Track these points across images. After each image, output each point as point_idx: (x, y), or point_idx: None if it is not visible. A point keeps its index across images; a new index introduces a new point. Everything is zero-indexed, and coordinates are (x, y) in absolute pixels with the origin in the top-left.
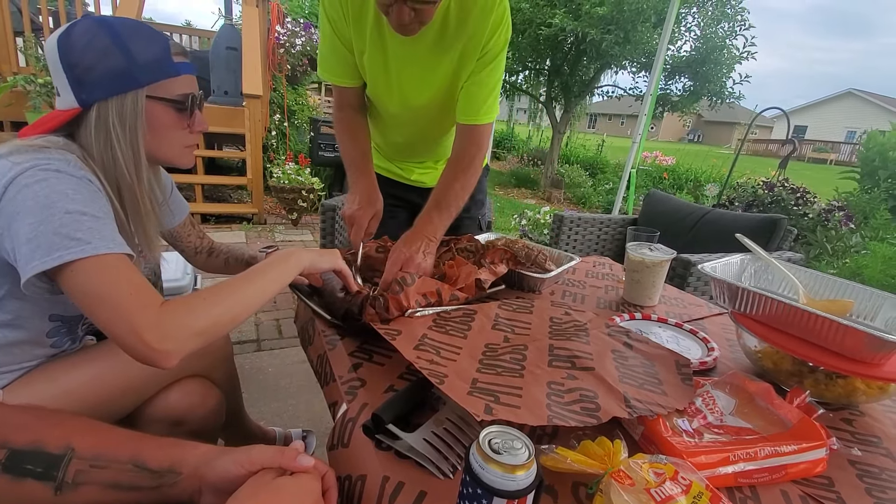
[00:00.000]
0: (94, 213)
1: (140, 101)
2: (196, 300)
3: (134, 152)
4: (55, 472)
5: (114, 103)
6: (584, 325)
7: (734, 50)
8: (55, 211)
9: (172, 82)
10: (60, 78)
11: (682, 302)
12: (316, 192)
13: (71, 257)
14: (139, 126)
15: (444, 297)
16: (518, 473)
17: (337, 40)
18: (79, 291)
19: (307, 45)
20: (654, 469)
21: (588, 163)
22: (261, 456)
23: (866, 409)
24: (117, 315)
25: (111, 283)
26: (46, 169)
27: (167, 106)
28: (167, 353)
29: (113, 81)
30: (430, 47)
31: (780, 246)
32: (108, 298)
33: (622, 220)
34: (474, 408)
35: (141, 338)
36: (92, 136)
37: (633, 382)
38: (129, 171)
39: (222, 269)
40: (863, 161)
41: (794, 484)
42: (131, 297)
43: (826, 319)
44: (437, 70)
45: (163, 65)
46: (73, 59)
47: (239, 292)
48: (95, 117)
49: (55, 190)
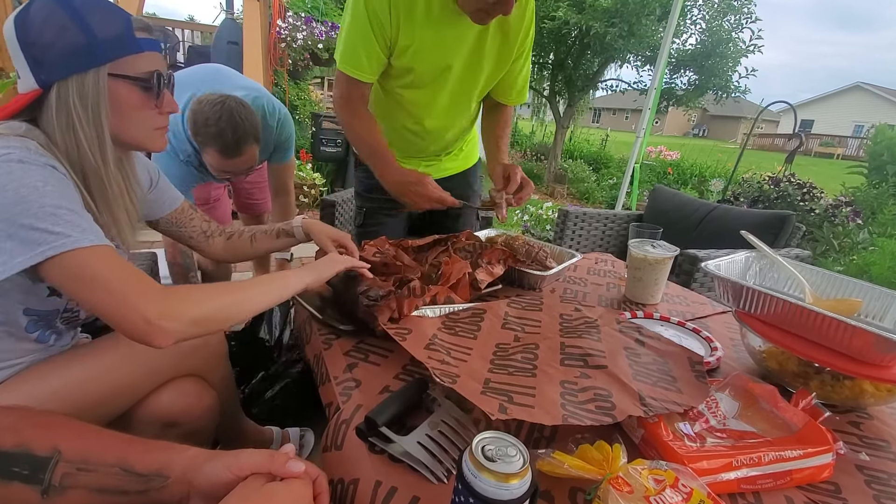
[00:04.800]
0: (68, 205)
1: (101, 80)
2: (196, 290)
3: (98, 134)
4: (42, 474)
5: (74, 83)
6: (594, 321)
7: (740, 43)
8: (30, 205)
9: (135, 59)
10: (19, 58)
11: (684, 300)
12: (318, 187)
13: (53, 252)
14: (102, 106)
15: (438, 301)
16: (512, 482)
17: (372, 36)
18: (68, 281)
19: (308, 40)
20: (654, 476)
21: (592, 158)
22: (250, 461)
23: (874, 412)
24: (114, 296)
25: (102, 269)
26: (9, 160)
27: (132, 85)
28: (165, 330)
29: (71, 59)
30: (478, 36)
31: (788, 243)
32: (103, 282)
33: (627, 216)
34: (489, 407)
35: (140, 312)
36: (53, 119)
37: (646, 380)
38: (94, 154)
39: (248, 250)
40: (871, 155)
41: (800, 490)
42: (127, 279)
43: (833, 320)
44: (483, 58)
45: (124, 41)
46: (31, 38)
47: (238, 293)
48: (56, 98)
49: (24, 183)
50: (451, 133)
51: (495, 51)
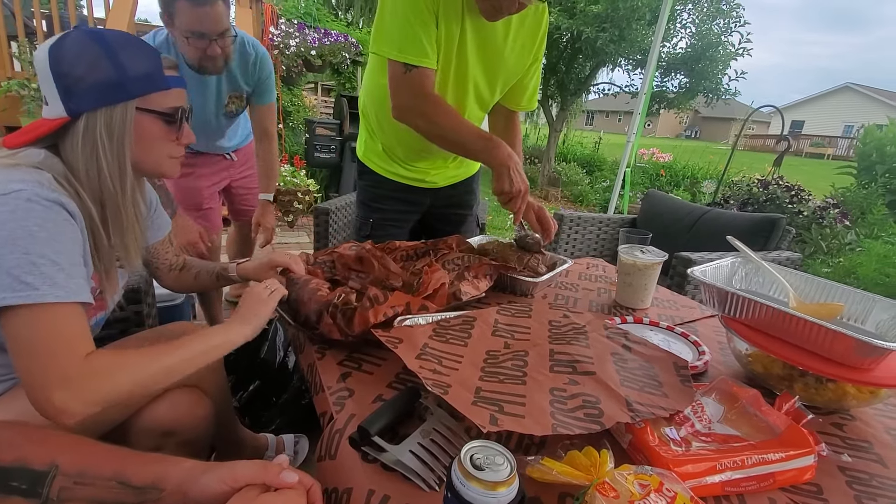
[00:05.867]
0: (52, 256)
1: (129, 113)
2: (127, 359)
3: (120, 164)
4: (40, 488)
5: (102, 114)
6: (582, 327)
7: (729, 46)
8: (15, 249)
9: (163, 95)
10: (49, 86)
11: (674, 304)
12: (312, 193)
13: (13, 301)
14: (127, 138)
15: (412, 310)
16: (499, 490)
17: (428, 14)
18: (10, 336)
19: (301, 47)
20: (640, 480)
21: (585, 160)
22: (245, 472)
23: (857, 414)
24: (32, 367)
25: (41, 333)
26: (18, 198)
27: (156, 118)
28: (65, 415)
29: (103, 93)
30: (500, 39)
31: (779, 245)
32: (31, 349)
33: (621, 220)
34: (480, 419)
35: (48, 393)
36: (78, 147)
37: (633, 386)
38: (114, 183)
39: (192, 284)
40: (860, 156)
41: (783, 492)
42: (58, 352)
43: (815, 324)
44: (501, 61)
45: (154, 78)
46: (64, 69)
47: (168, 357)
48: (83, 127)
49: (20, 225)
50: None
51: (515, 54)
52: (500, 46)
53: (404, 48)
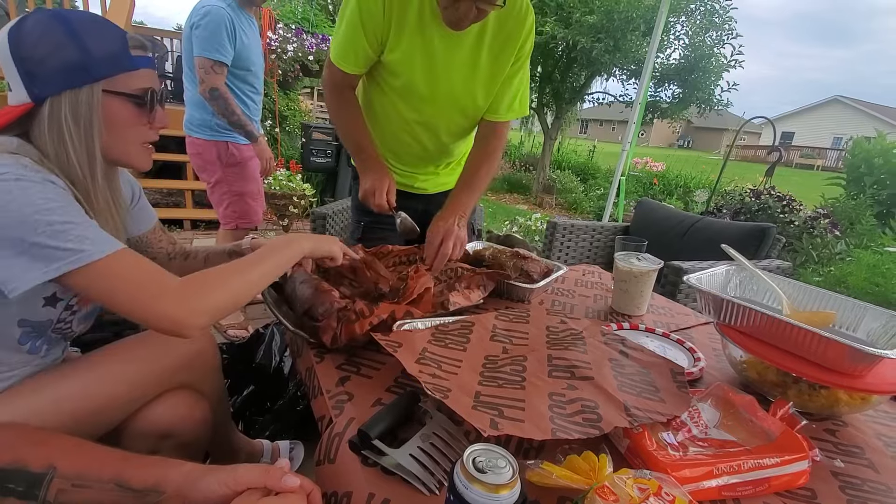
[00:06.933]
0: (74, 219)
1: (95, 96)
2: (208, 277)
3: (88, 149)
4: (37, 490)
5: (67, 98)
6: (580, 333)
7: (722, 58)
8: (37, 223)
9: (130, 76)
10: (11, 72)
11: (669, 311)
12: (307, 198)
13: (70, 267)
14: (94, 122)
15: (397, 317)
16: (502, 493)
17: (360, 32)
18: (90, 291)
19: (299, 52)
20: (639, 484)
21: (580, 168)
22: (246, 476)
23: (849, 420)
24: (136, 302)
25: (119, 277)
26: (6, 180)
27: (125, 101)
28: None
29: (66, 75)
30: (472, 46)
31: (770, 254)
32: (123, 290)
33: (614, 228)
34: (480, 423)
35: (165, 315)
36: (45, 133)
37: (631, 391)
38: (83, 169)
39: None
40: (849, 167)
41: (778, 496)
42: (144, 284)
43: (808, 332)
44: (477, 69)
45: (119, 58)
46: (24, 52)
47: (245, 274)
48: (48, 113)
49: (26, 202)
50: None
51: (494, 59)
52: (473, 54)
53: (336, 53)
